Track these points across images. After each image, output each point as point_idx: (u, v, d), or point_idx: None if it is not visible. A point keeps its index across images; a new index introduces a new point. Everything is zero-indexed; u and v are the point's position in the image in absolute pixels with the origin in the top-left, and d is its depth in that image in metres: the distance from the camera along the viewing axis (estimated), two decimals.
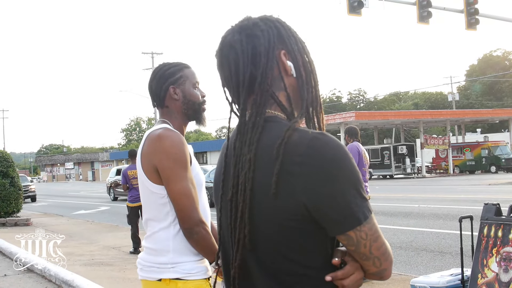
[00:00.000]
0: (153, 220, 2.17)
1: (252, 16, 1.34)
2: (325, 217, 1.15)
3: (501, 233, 4.05)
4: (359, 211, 1.15)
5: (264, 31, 1.28)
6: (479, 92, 63.32)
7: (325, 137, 1.17)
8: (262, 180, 1.18)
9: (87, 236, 11.88)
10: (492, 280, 3.99)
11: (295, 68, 1.30)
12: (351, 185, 1.15)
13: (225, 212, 1.29)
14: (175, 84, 2.25)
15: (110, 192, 25.17)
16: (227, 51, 1.30)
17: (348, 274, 1.19)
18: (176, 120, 2.26)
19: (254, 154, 1.20)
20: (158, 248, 2.13)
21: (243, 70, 1.26)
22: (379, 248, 1.19)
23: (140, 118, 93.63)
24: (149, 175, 2.13)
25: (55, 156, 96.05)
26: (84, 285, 6.20)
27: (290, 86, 1.30)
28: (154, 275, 2.13)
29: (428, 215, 12.23)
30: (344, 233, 1.16)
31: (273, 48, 1.27)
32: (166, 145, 2.09)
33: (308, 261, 1.19)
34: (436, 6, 17.33)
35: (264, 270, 1.21)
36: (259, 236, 1.19)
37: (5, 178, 14.67)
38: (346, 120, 35.49)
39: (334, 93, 77.68)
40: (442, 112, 42.88)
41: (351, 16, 16.45)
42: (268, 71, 1.26)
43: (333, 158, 1.15)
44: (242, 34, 1.29)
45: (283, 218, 1.16)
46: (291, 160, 1.15)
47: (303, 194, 1.14)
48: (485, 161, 36.01)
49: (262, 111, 1.24)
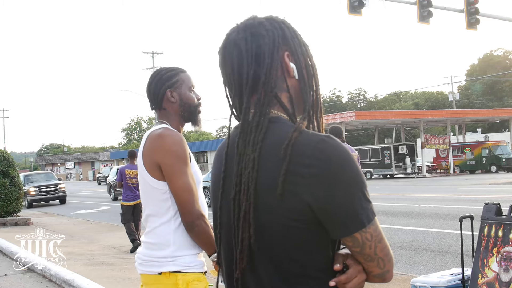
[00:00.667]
0: (154, 216, 2.26)
1: (258, 16, 1.33)
2: (331, 219, 1.16)
3: (501, 232, 4.05)
4: (365, 214, 1.16)
5: (269, 31, 1.28)
6: (479, 91, 63.26)
7: (332, 140, 1.18)
8: (266, 180, 1.18)
9: (88, 236, 11.89)
10: (492, 280, 3.99)
11: (297, 70, 1.30)
12: (357, 188, 1.16)
13: (227, 211, 1.28)
14: (172, 87, 2.37)
15: (111, 191, 25.19)
16: (231, 48, 1.29)
17: (351, 277, 1.20)
18: (174, 122, 2.38)
19: (258, 154, 1.20)
20: (158, 243, 2.22)
21: (247, 68, 1.26)
22: (383, 249, 1.20)
23: (141, 118, 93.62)
24: (151, 172, 2.22)
25: (55, 156, 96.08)
26: (85, 284, 6.21)
27: (292, 87, 1.30)
28: (154, 269, 2.22)
29: (429, 214, 12.23)
30: (350, 235, 1.17)
31: (278, 48, 1.27)
32: (168, 143, 2.21)
33: (311, 262, 1.19)
34: (436, 6, 17.33)
35: (267, 270, 1.21)
36: (262, 236, 1.19)
37: (5, 177, 14.68)
38: (346, 119, 35.49)
39: (334, 92, 77.60)
40: (443, 111, 42.87)
41: (351, 16, 16.45)
42: (272, 71, 1.26)
43: (340, 161, 1.16)
44: (247, 33, 1.28)
45: (287, 219, 1.17)
46: (298, 161, 1.16)
47: (310, 196, 1.15)
48: (485, 161, 35.99)
49: (266, 111, 1.24)
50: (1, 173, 14.62)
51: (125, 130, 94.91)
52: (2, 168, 14.64)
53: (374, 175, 36.78)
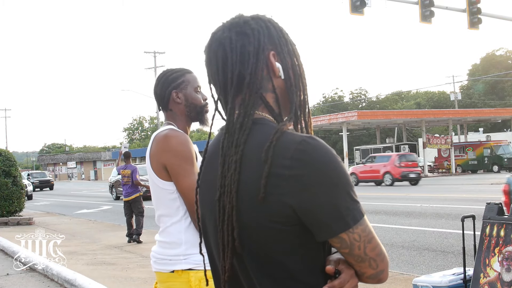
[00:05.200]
0: (165, 216, 2.31)
1: (244, 14, 1.31)
2: (314, 221, 1.14)
3: (503, 232, 4.04)
4: (350, 214, 1.13)
5: (254, 29, 1.26)
6: (481, 91, 63.19)
7: (314, 141, 1.16)
8: (248, 182, 1.16)
9: (89, 235, 11.90)
10: (494, 279, 3.99)
11: (283, 70, 1.28)
12: (341, 189, 1.14)
13: (211, 213, 1.26)
14: (177, 88, 2.39)
15: (112, 191, 25.21)
16: (215, 47, 1.27)
17: (344, 282, 1.18)
18: (180, 122, 2.41)
19: (240, 156, 1.18)
20: (170, 241, 2.27)
21: (231, 68, 1.24)
22: (374, 249, 1.17)
23: (143, 117, 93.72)
24: (159, 173, 2.27)
25: (57, 155, 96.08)
26: (86, 284, 6.21)
27: (278, 87, 1.28)
28: (167, 267, 2.27)
29: (430, 214, 12.22)
30: (336, 236, 1.14)
31: (263, 48, 1.25)
32: (173, 143, 2.25)
33: (299, 266, 1.17)
34: (438, 5, 17.33)
35: (255, 273, 1.19)
36: (247, 238, 1.18)
37: (7, 177, 14.67)
38: (348, 119, 35.48)
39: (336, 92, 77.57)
40: (445, 111, 42.83)
41: (353, 16, 16.45)
42: (257, 71, 1.23)
43: (322, 161, 1.13)
44: (232, 32, 1.26)
45: (271, 222, 1.14)
46: (280, 163, 1.13)
47: (292, 198, 1.12)
48: (487, 161, 35.95)
49: (251, 112, 1.22)
50: (3, 173, 14.62)
51: (127, 130, 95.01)
52: (4, 167, 14.63)
53: None
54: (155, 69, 44.95)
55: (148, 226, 13.01)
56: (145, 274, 6.98)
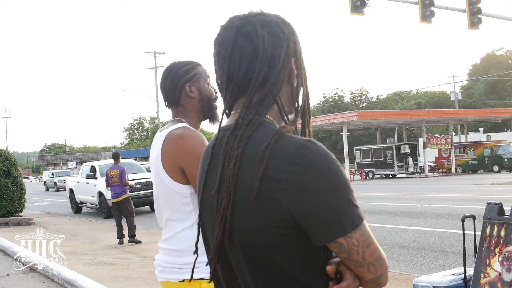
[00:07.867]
0: (175, 221, 2.13)
1: (267, 12, 1.28)
2: (312, 225, 1.12)
3: (503, 232, 4.04)
4: (349, 219, 1.12)
5: (285, 34, 1.25)
6: (482, 91, 63.22)
7: (313, 145, 1.15)
8: (245, 180, 1.15)
9: (90, 236, 11.91)
10: (494, 279, 3.99)
11: (296, 77, 1.28)
12: (340, 194, 1.12)
13: (209, 206, 1.26)
14: (190, 81, 2.22)
15: None
16: (244, 42, 1.22)
17: (352, 285, 1.17)
18: (191, 119, 2.24)
19: (241, 151, 1.17)
20: (181, 249, 2.09)
21: (259, 67, 1.21)
22: (373, 254, 1.16)
23: (143, 118, 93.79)
24: (172, 174, 2.09)
25: (57, 156, 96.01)
26: (87, 284, 6.21)
27: (286, 93, 1.28)
28: (177, 276, 2.10)
29: (431, 214, 12.21)
30: (333, 241, 1.13)
31: (290, 53, 1.25)
32: (190, 144, 2.08)
33: (296, 268, 1.16)
34: (438, 5, 17.34)
35: (251, 273, 1.18)
36: (242, 235, 1.17)
37: (7, 177, 14.69)
38: (348, 119, 35.47)
39: (336, 92, 77.62)
40: (445, 111, 42.82)
41: (353, 16, 16.45)
42: (281, 75, 1.23)
43: (321, 166, 1.12)
44: (265, 30, 1.23)
45: (265, 224, 1.13)
46: (277, 166, 1.12)
47: (289, 202, 1.11)
48: (487, 161, 35.92)
49: (264, 111, 1.21)
50: (4, 173, 14.63)
51: (127, 130, 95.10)
52: (4, 168, 14.65)
53: (376, 174, 36.76)
54: (155, 69, 44.91)
55: (148, 226, 13.03)
56: (145, 274, 6.99)
